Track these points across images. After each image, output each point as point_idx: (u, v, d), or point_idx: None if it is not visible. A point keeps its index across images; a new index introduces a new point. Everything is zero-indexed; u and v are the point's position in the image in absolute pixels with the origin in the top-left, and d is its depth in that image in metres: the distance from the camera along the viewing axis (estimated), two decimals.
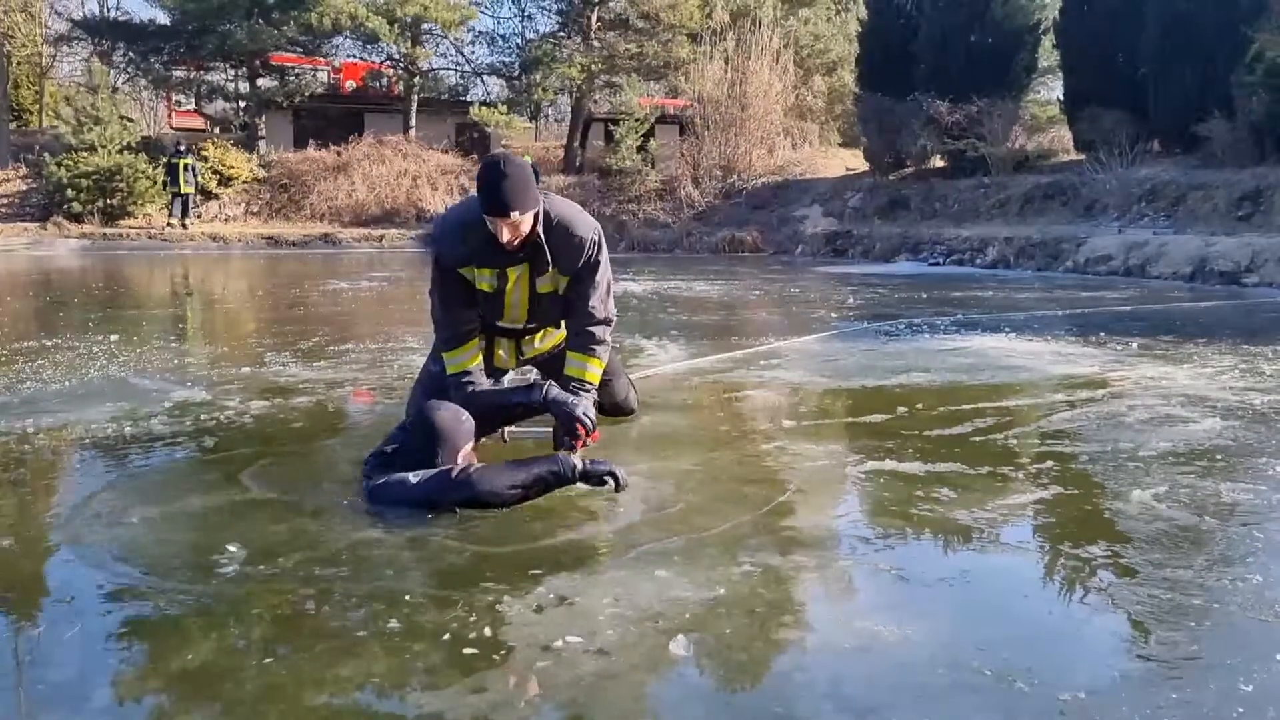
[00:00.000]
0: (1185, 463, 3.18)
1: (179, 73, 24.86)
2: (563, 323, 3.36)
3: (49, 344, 5.76)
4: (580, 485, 2.76)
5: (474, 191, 3.03)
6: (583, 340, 3.20)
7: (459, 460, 2.74)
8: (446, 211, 3.31)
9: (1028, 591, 2.21)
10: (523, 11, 29.29)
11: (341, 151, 22.92)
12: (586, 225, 3.19)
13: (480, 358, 3.27)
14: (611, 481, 2.66)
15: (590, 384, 3.16)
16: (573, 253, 3.14)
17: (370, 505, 2.67)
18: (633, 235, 19.77)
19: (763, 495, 2.86)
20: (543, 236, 3.05)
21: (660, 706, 1.70)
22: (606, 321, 3.23)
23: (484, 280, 3.16)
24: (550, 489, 2.66)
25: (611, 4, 25.56)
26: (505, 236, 2.96)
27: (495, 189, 2.90)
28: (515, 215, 2.92)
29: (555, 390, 3.01)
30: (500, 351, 3.42)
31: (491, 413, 3.05)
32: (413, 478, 2.65)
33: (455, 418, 2.79)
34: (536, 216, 3.03)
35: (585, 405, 2.97)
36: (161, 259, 16.17)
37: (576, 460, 2.66)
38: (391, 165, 22.71)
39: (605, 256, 3.24)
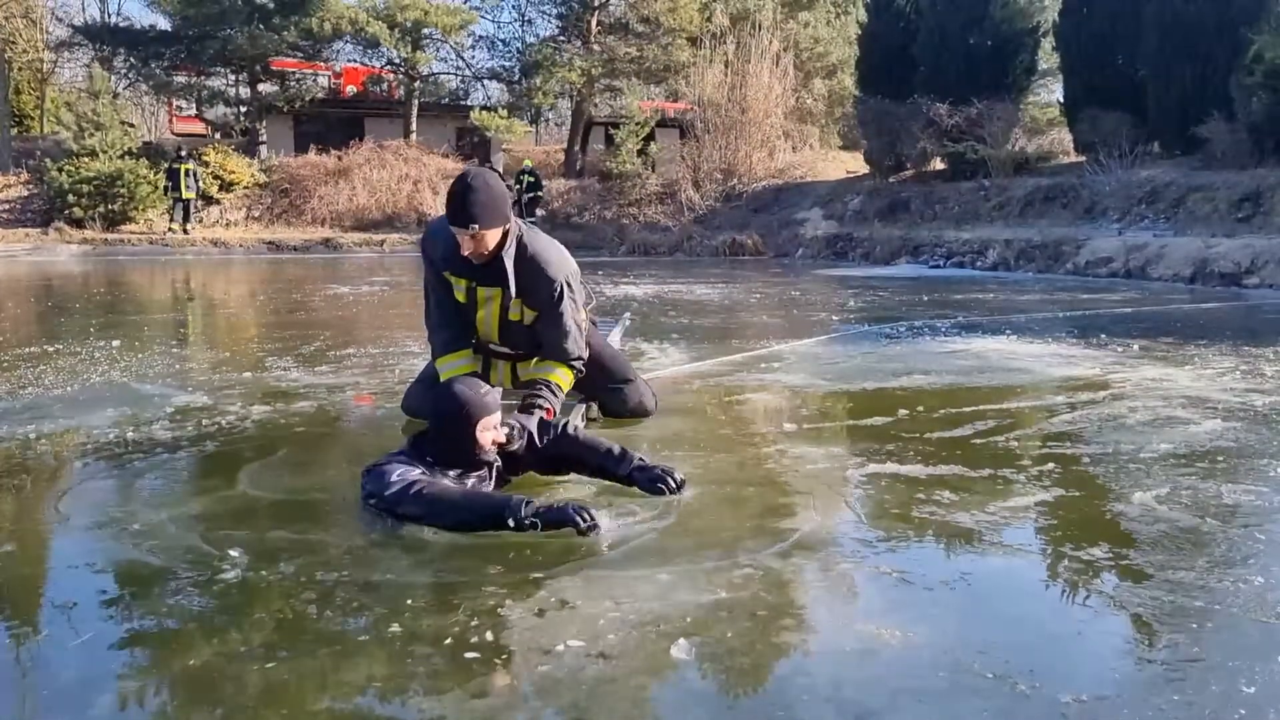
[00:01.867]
0: (1187, 464, 3.18)
1: (180, 78, 24.89)
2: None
3: (51, 349, 5.77)
4: (583, 488, 2.76)
5: None
6: (554, 359, 3.26)
7: (492, 433, 2.67)
8: (435, 223, 3.38)
9: (1029, 594, 2.21)
10: (523, 16, 29.26)
11: (342, 156, 22.94)
12: (559, 267, 3.22)
13: (476, 366, 3.31)
14: (572, 527, 2.41)
15: (554, 384, 3.18)
16: (540, 289, 3.18)
17: (362, 480, 2.62)
18: (633, 239, 19.77)
19: (764, 498, 2.86)
20: (510, 264, 3.09)
21: (661, 710, 1.70)
22: (580, 358, 3.29)
23: (459, 289, 3.24)
24: (493, 529, 2.44)
25: (611, 8, 25.62)
26: (466, 249, 3.03)
27: (460, 200, 2.99)
28: (475, 228, 2.98)
29: (639, 461, 2.81)
30: (496, 374, 3.46)
31: (570, 459, 2.91)
32: (395, 473, 2.53)
33: (476, 390, 2.71)
34: (505, 236, 3.08)
35: (667, 469, 2.79)
36: (163, 264, 16.18)
37: (524, 511, 2.40)
38: (392, 170, 22.73)
39: (576, 301, 3.27)
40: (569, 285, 3.24)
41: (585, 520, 2.41)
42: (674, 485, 2.74)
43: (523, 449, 2.83)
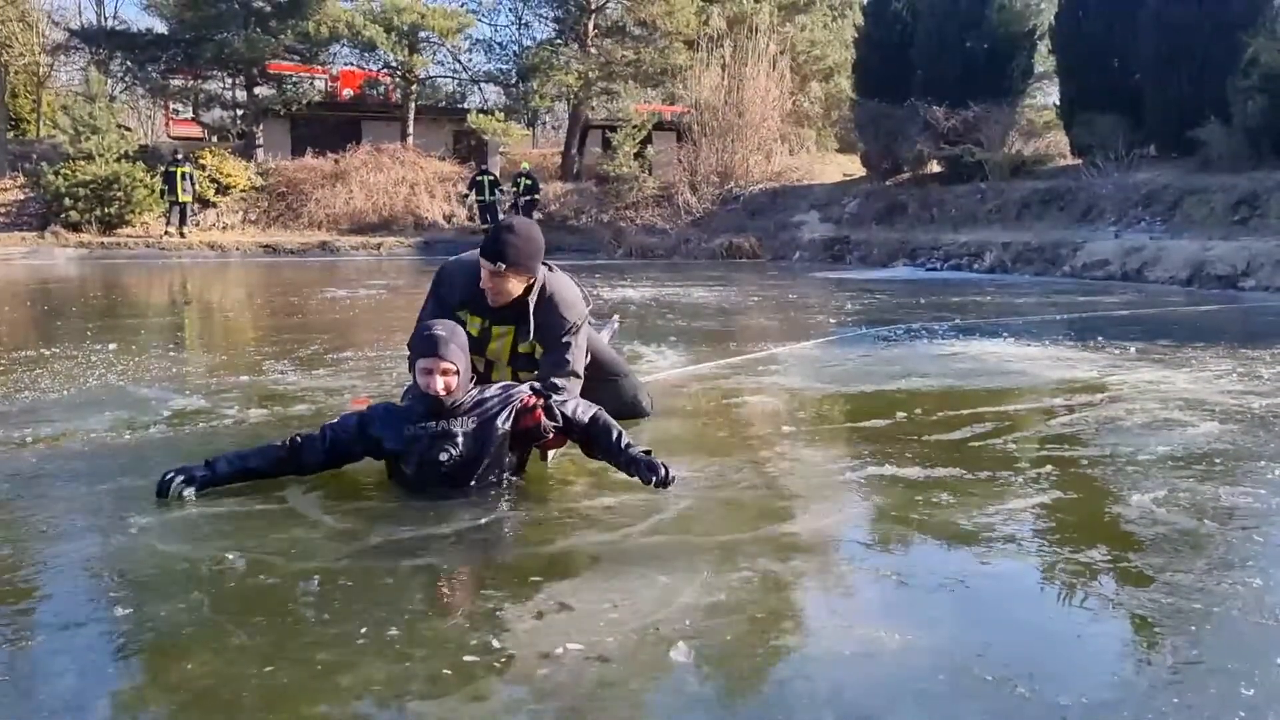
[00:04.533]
0: (1184, 467, 3.18)
1: (176, 81, 24.85)
2: None
3: (47, 353, 5.76)
4: (578, 484, 2.76)
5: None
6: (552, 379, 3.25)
7: (429, 378, 2.75)
8: (459, 255, 3.42)
9: (1028, 596, 2.21)
10: (520, 19, 29.34)
11: (339, 159, 22.91)
12: (575, 308, 3.29)
13: None
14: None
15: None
16: (555, 327, 3.25)
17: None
18: (630, 242, 19.78)
19: (762, 501, 2.86)
20: (531, 307, 3.13)
21: (661, 713, 1.69)
22: (576, 374, 3.29)
23: (473, 325, 3.30)
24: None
25: (608, 11, 25.62)
26: (485, 282, 3.07)
27: (497, 238, 3.05)
28: (501, 267, 3.02)
29: (643, 457, 2.84)
30: (499, 372, 3.49)
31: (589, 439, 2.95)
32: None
33: (436, 329, 2.82)
34: (529, 288, 3.12)
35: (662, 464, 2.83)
36: (159, 268, 16.16)
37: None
38: (389, 173, 22.71)
39: (585, 333, 3.35)
40: (580, 323, 3.32)
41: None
42: (662, 475, 2.77)
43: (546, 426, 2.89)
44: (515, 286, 3.10)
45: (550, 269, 3.30)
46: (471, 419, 2.81)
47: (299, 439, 2.91)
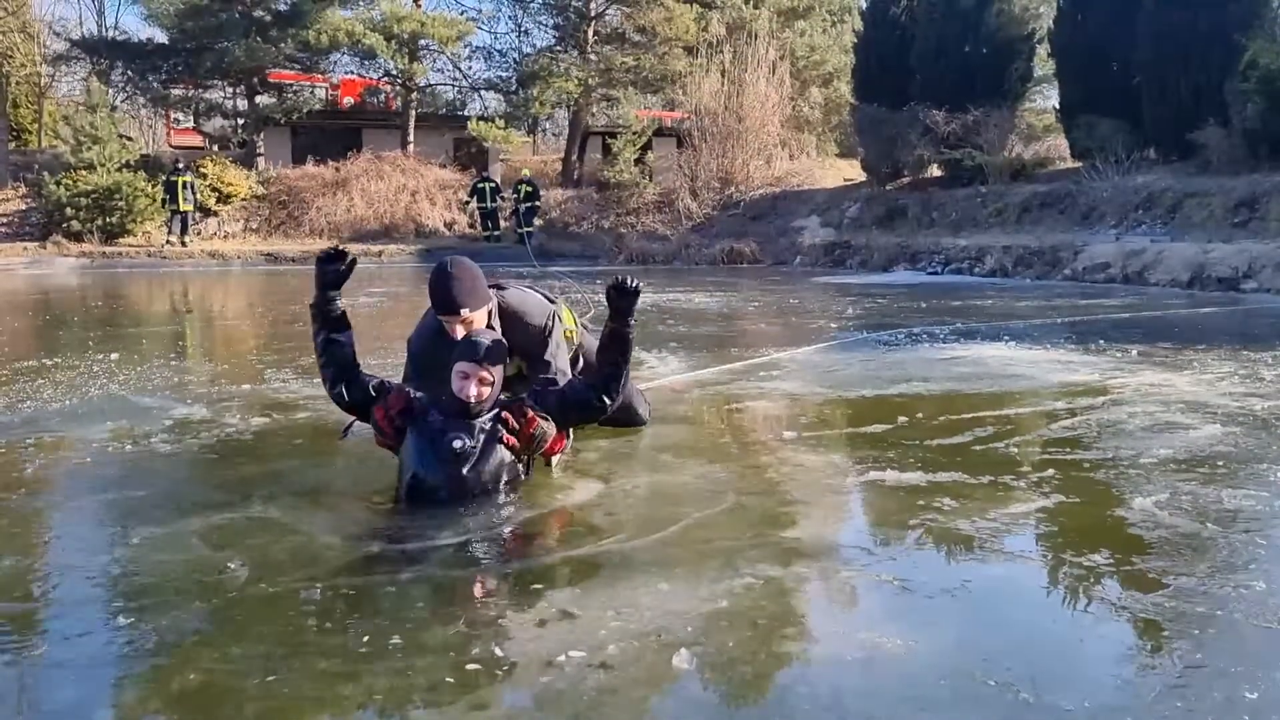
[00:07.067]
0: (1187, 470, 3.18)
1: (177, 91, 24.93)
2: None
3: (49, 363, 5.76)
4: (580, 492, 2.76)
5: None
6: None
7: (464, 383, 2.79)
8: (421, 320, 3.41)
9: (1030, 601, 2.20)
10: (519, 26, 29.44)
11: (340, 167, 22.94)
12: (539, 312, 3.35)
13: None
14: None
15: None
16: (528, 340, 3.29)
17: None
18: (631, 247, 19.78)
19: (764, 507, 2.86)
20: (499, 329, 3.15)
21: None
22: (563, 371, 3.36)
23: None
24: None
25: (608, 18, 25.68)
26: (460, 334, 3.07)
27: (445, 290, 3.06)
28: (466, 313, 3.04)
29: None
30: None
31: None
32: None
33: (479, 335, 2.90)
34: (490, 314, 3.15)
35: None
36: (161, 277, 16.18)
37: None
38: (390, 181, 22.74)
39: (559, 330, 3.40)
40: (550, 324, 3.35)
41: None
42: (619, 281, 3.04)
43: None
44: (480, 320, 3.14)
45: (501, 288, 3.33)
46: (486, 423, 2.83)
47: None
